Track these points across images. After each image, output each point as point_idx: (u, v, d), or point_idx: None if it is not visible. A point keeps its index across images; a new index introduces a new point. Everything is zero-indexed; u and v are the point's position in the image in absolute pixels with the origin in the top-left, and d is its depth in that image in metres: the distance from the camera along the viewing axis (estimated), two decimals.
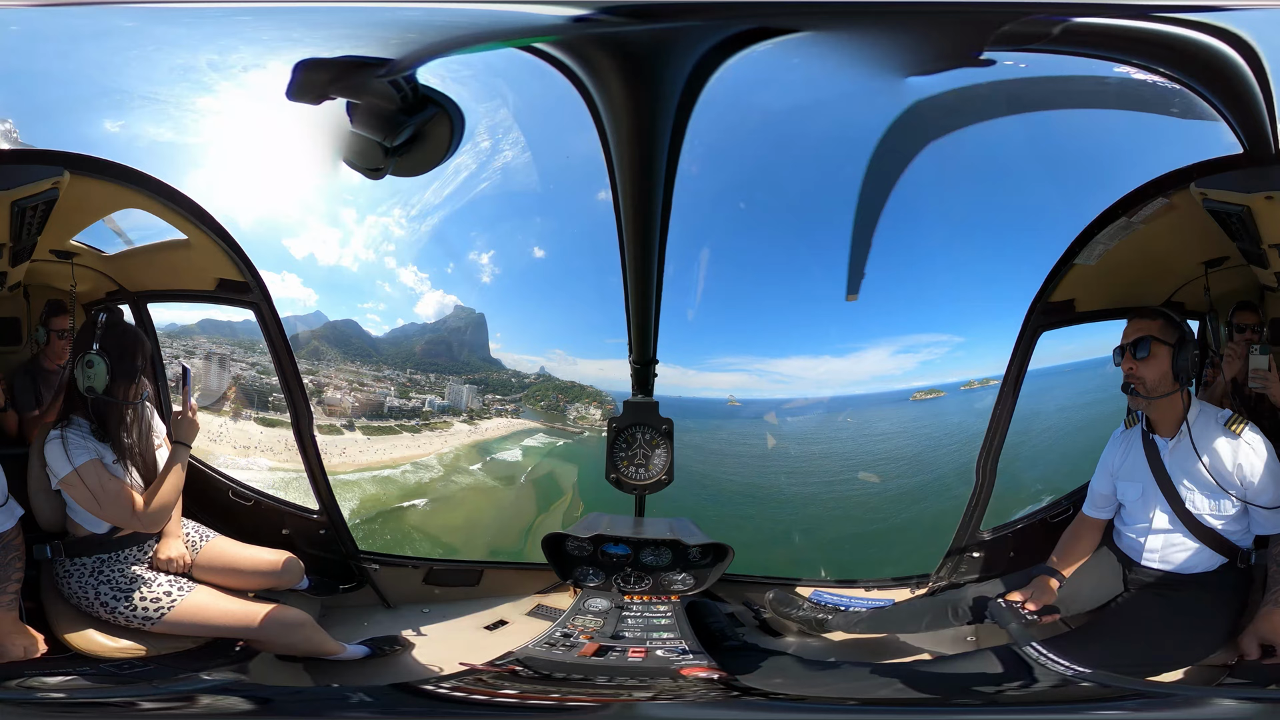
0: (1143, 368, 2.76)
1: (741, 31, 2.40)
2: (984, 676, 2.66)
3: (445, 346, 3.39)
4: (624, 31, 2.34)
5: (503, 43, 2.59)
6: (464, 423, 3.48)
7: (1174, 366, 2.74)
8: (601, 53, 2.38)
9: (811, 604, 3.06)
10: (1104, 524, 2.92)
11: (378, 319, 3.32)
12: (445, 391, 3.47)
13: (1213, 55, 2.47)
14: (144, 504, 2.82)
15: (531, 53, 2.54)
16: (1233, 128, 2.62)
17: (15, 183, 2.76)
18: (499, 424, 3.46)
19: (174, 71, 2.85)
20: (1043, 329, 2.98)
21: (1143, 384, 2.77)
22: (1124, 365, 2.81)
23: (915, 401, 3.13)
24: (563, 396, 3.50)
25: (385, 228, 3.16)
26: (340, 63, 2.62)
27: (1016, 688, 2.61)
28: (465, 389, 3.44)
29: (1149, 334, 2.76)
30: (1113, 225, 2.84)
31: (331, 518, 3.34)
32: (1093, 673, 2.60)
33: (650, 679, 2.61)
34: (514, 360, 3.39)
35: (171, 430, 2.95)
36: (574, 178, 3.04)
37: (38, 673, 2.61)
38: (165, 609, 2.79)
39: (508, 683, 2.65)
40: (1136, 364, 2.77)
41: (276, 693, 2.76)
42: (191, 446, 2.96)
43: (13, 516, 2.71)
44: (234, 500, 3.30)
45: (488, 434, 3.46)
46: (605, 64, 2.39)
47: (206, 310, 3.27)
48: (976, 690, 2.63)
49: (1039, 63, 2.65)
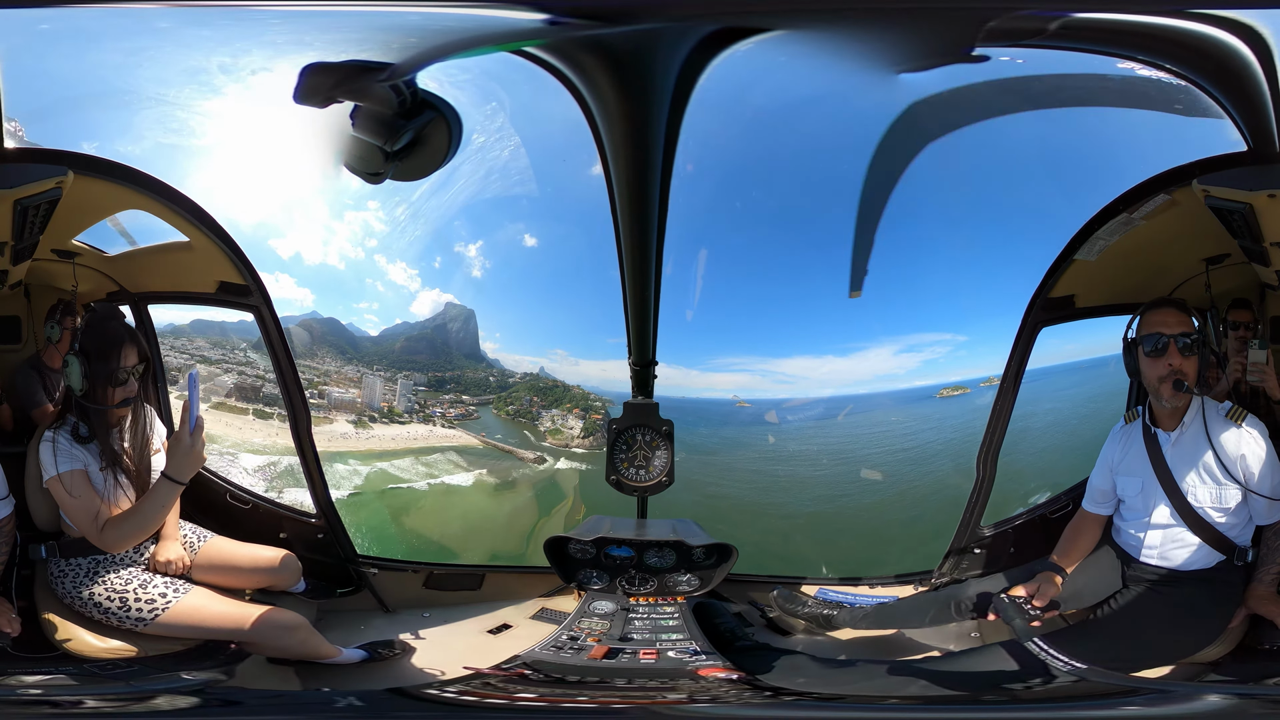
0: (1188, 363, 2.69)
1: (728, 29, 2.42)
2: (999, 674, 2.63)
3: (427, 343, 3.35)
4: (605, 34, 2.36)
5: (494, 47, 2.62)
6: (353, 424, 3.31)
7: (1200, 364, 2.71)
8: (588, 55, 2.39)
9: (817, 601, 3.04)
10: (1104, 519, 2.92)
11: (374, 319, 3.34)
12: (362, 383, 3.37)
13: (1222, 51, 2.46)
14: (103, 528, 2.68)
15: (525, 57, 2.57)
16: (1237, 125, 2.63)
17: (19, 181, 2.75)
18: (413, 434, 3.32)
19: (185, 73, 2.87)
20: (1043, 324, 3.00)
21: (1188, 378, 2.70)
22: (1167, 359, 2.71)
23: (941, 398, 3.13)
24: (538, 399, 3.39)
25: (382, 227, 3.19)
26: (345, 66, 2.64)
27: (1021, 684, 2.59)
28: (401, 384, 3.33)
29: (1189, 330, 2.71)
30: (1113, 221, 2.86)
31: (329, 521, 3.32)
32: (1092, 669, 2.59)
33: (669, 680, 2.58)
34: (514, 360, 3.39)
35: (166, 457, 2.72)
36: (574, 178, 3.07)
37: (25, 671, 2.56)
38: (159, 610, 2.74)
39: (517, 686, 2.61)
40: (1185, 360, 2.69)
41: (269, 695, 2.71)
42: (185, 484, 2.71)
43: (9, 506, 2.71)
44: (231, 503, 3.28)
45: (371, 444, 3.32)
46: (593, 65, 2.40)
47: (199, 310, 3.26)
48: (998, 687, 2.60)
49: (1041, 58, 2.68)
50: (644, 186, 2.61)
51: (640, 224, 2.72)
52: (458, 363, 3.37)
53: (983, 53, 2.57)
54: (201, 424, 2.64)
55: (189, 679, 2.66)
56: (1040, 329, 3.02)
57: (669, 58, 2.39)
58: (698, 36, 2.39)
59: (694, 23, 2.38)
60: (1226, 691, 2.55)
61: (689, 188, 2.84)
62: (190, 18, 2.67)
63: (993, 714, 2.58)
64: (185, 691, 2.60)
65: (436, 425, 3.44)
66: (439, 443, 3.46)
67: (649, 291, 2.92)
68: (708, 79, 2.47)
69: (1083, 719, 2.50)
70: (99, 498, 2.71)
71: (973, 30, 2.46)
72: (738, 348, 3.18)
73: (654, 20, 2.34)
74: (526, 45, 2.52)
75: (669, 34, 2.38)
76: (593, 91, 2.47)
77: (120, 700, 2.53)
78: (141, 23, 2.68)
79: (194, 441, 2.64)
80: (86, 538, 2.74)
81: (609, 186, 2.71)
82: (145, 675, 2.65)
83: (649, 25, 2.35)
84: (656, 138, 2.51)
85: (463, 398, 3.43)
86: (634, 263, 2.83)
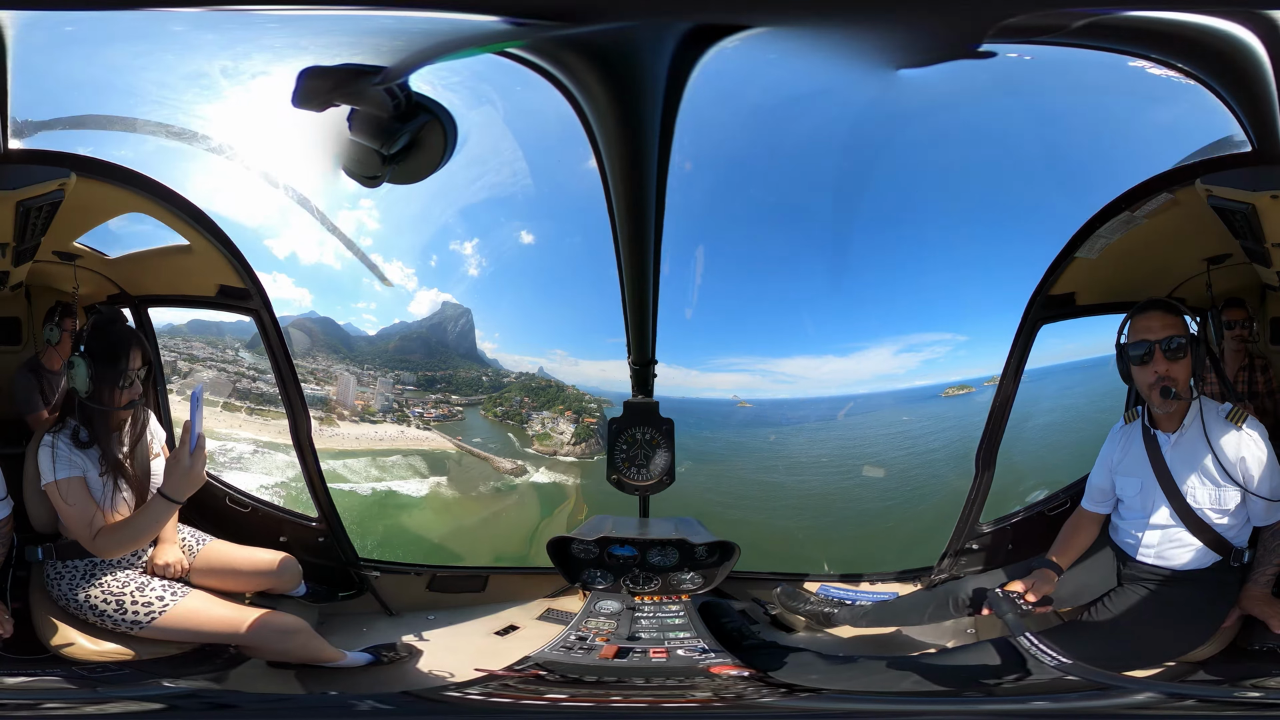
0: (1176, 368, 2.63)
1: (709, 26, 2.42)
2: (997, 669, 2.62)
3: (421, 342, 3.33)
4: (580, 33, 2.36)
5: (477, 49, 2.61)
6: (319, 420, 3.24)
7: (1195, 365, 2.66)
8: (570, 54, 2.36)
9: (819, 598, 3.03)
10: (1102, 518, 2.92)
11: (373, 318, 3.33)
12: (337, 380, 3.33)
13: (1233, 49, 2.42)
14: (96, 536, 2.66)
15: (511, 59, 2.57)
16: (1243, 124, 2.61)
17: (22, 183, 2.75)
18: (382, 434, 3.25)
19: (187, 77, 2.87)
20: (1043, 322, 3.00)
21: (1176, 384, 2.64)
22: (1153, 366, 2.65)
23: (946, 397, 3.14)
24: (529, 401, 3.34)
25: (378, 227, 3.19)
26: (342, 70, 2.63)
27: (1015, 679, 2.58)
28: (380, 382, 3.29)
29: (1179, 332, 2.65)
30: (1115, 219, 2.85)
31: (331, 525, 3.31)
32: (1085, 665, 2.58)
33: (685, 679, 2.57)
34: (513, 360, 3.38)
35: (164, 475, 2.68)
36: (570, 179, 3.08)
37: (18, 674, 2.53)
38: (156, 614, 2.72)
39: (532, 687, 2.60)
40: (1171, 364, 2.63)
41: (269, 700, 2.69)
42: (181, 504, 2.67)
43: (7, 507, 2.71)
44: (231, 507, 3.27)
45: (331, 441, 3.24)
46: (577, 64, 2.38)
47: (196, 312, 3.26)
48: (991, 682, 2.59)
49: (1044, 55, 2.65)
50: (639, 184, 2.60)
51: (637, 222, 2.71)
52: (452, 362, 3.35)
53: (986, 49, 2.56)
54: (203, 443, 2.60)
55: (185, 684, 2.63)
56: (1040, 326, 3.02)
57: (653, 54, 2.35)
58: (679, 33, 2.38)
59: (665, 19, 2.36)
60: (1215, 691, 2.56)
61: (687, 186, 2.84)
62: (196, 21, 2.67)
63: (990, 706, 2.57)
64: (181, 695, 2.58)
65: (411, 426, 3.40)
66: (406, 445, 3.41)
67: (648, 290, 2.92)
68: (702, 75, 2.44)
69: (1074, 712, 2.49)
70: (95, 505, 2.70)
71: (976, 26, 2.45)
72: (738, 348, 3.19)
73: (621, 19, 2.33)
74: (507, 46, 2.52)
75: (646, 31, 2.36)
76: (582, 90, 2.45)
77: (114, 704, 2.50)
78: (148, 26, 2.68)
79: (194, 462, 2.60)
80: (80, 543, 2.72)
81: (604, 185, 2.70)
82: (140, 679, 2.63)
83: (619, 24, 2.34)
84: (650, 135, 2.49)
85: (450, 398, 3.39)
86: (632, 261, 2.83)
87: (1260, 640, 2.68)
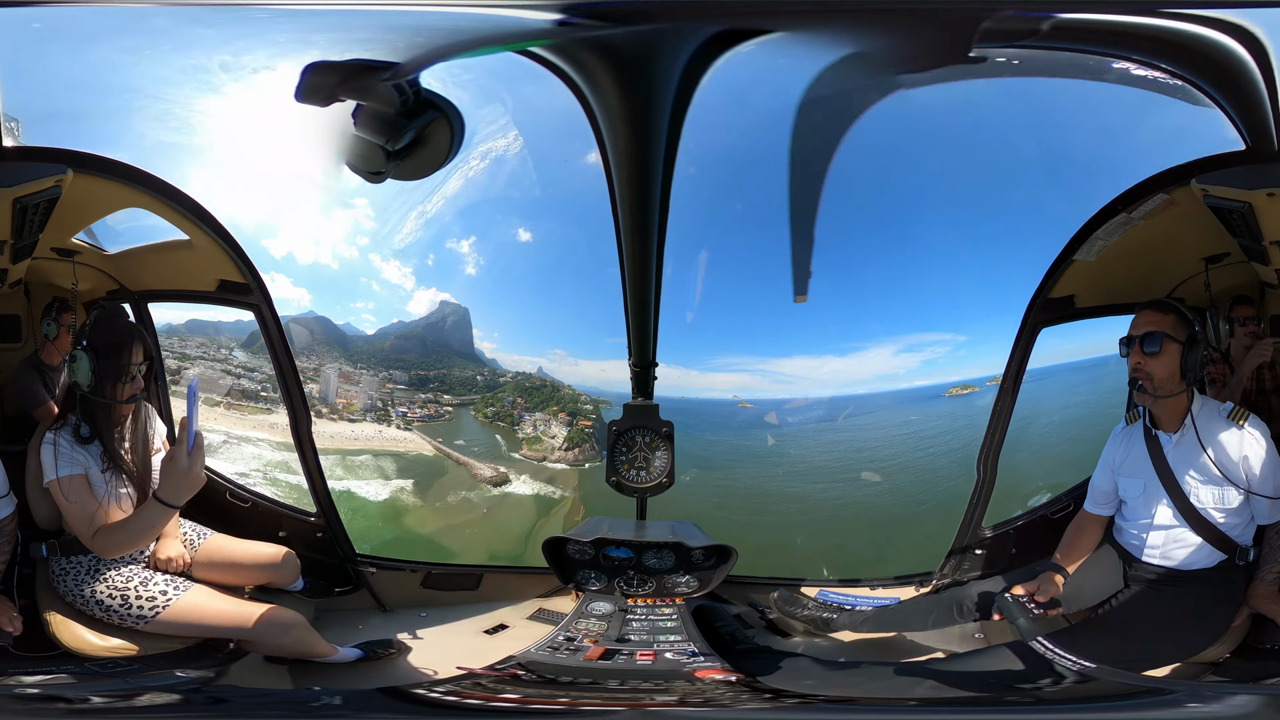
0: (1152, 363, 2.68)
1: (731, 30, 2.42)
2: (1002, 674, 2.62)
3: (417, 341, 3.32)
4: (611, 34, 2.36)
5: (500, 47, 2.61)
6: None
7: (1183, 365, 2.67)
8: (593, 56, 2.38)
9: (817, 603, 3.03)
10: (1105, 520, 2.91)
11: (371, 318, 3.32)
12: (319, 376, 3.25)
13: (1219, 51, 2.45)
14: (95, 534, 2.66)
15: (529, 57, 2.57)
16: (1235, 124, 2.61)
17: (19, 179, 2.75)
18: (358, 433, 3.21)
19: (184, 72, 2.86)
20: (1042, 324, 2.99)
21: (1150, 380, 2.69)
22: (1131, 359, 2.72)
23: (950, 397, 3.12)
24: (523, 401, 3.32)
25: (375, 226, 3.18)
26: (348, 65, 2.63)
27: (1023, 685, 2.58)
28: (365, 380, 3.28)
29: (1161, 329, 2.68)
30: (1112, 221, 2.85)
31: (329, 520, 3.32)
32: (1097, 668, 2.58)
33: (664, 682, 2.56)
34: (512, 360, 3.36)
35: (160, 477, 2.67)
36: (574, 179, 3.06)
37: (27, 670, 2.56)
38: (160, 608, 2.74)
39: (509, 687, 2.59)
40: (1145, 359, 2.69)
41: (263, 695, 2.71)
42: (179, 508, 2.65)
43: (10, 504, 2.71)
44: (231, 501, 3.28)
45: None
46: (596, 65, 2.40)
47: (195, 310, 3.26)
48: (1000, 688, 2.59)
49: (1039, 59, 2.67)
50: (645, 187, 2.60)
51: (641, 224, 2.71)
52: (448, 361, 3.34)
53: (982, 53, 2.57)
54: (200, 442, 2.56)
55: (188, 677, 2.65)
56: (1040, 329, 3.01)
57: (672, 59, 2.38)
58: (702, 38, 2.38)
59: (699, 24, 2.38)
60: (1229, 691, 2.54)
61: (690, 188, 2.83)
62: (191, 16, 2.66)
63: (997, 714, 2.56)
64: (184, 689, 2.60)
65: (391, 426, 3.38)
66: (380, 446, 3.37)
67: (649, 293, 2.91)
68: (710, 80, 2.46)
69: None
70: (96, 503, 2.71)
71: (973, 31, 2.46)
72: (738, 348, 3.17)
73: (661, 21, 2.34)
74: (532, 45, 2.51)
75: (674, 35, 2.37)
76: (595, 91, 2.47)
77: (121, 698, 2.52)
78: (141, 21, 2.67)
79: (191, 463, 2.55)
80: (80, 540, 2.74)
81: (609, 186, 2.70)
82: (145, 673, 2.65)
83: (655, 26, 2.35)
84: (658, 138, 2.50)
85: (442, 398, 3.37)
86: (634, 263, 2.82)
87: (1272, 638, 2.67)
